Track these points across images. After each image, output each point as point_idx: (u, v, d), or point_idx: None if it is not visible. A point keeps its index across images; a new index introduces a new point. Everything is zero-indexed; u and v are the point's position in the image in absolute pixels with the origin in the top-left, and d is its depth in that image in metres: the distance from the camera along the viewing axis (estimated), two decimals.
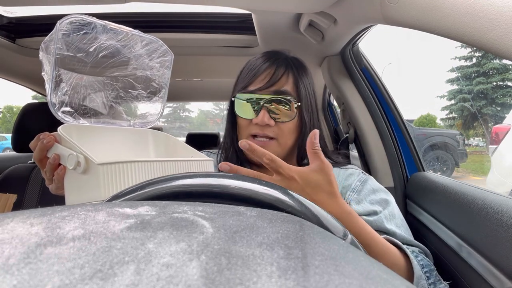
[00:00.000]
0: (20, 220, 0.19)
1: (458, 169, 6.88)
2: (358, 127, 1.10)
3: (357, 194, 0.70)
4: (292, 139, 0.72)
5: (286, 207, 0.32)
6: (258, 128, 0.69)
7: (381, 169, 1.04)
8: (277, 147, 0.70)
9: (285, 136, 0.70)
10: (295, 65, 0.74)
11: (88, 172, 0.46)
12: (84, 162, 0.46)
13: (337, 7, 0.82)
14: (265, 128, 0.69)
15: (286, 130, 0.70)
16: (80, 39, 0.52)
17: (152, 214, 0.21)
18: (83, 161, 0.46)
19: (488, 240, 0.56)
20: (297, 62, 0.76)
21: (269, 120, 0.68)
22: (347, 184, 0.72)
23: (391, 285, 0.16)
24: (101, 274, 0.14)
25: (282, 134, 0.70)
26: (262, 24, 1.03)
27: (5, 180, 1.27)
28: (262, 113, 0.68)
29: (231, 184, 0.33)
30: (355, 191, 0.71)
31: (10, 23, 1.21)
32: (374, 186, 0.73)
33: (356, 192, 0.71)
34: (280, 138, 0.70)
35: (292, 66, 0.73)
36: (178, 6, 1.11)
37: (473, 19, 0.42)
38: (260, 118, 0.68)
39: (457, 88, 16.10)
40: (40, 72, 0.53)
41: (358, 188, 0.71)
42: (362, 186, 0.72)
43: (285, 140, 0.71)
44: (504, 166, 3.37)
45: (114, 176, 0.45)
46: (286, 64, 0.72)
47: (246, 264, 0.15)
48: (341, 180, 0.73)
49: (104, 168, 0.44)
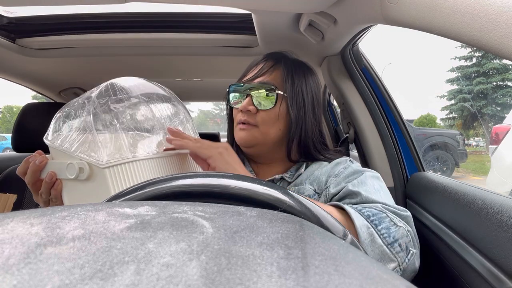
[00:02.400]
0: (20, 220, 0.19)
1: (458, 169, 6.88)
2: (358, 127, 1.10)
3: (337, 178, 0.71)
4: (275, 129, 0.74)
5: (285, 207, 0.32)
6: (243, 115, 0.74)
7: (381, 169, 1.04)
8: (258, 134, 0.74)
9: (266, 124, 0.73)
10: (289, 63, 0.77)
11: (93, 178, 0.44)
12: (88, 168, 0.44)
13: (337, 7, 0.82)
14: (247, 114, 0.73)
15: (267, 118, 0.73)
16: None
17: (152, 214, 0.21)
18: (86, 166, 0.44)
19: (488, 240, 0.56)
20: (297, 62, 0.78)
21: (250, 106, 0.73)
22: (332, 172, 0.73)
23: (391, 285, 0.16)
24: (101, 274, 0.14)
25: (263, 122, 0.73)
26: (262, 24, 1.03)
27: (5, 180, 1.27)
28: (246, 100, 0.73)
29: (231, 184, 0.33)
30: (336, 176, 0.71)
31: (10, 23, 1.21)
32: (356, 169, 0.72)
33: (337, 176, 0.71)
34: (261, 125, 0.73)
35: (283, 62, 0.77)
36: (178, 6, 1.11)
37: (473, 19, 0.42)
38: (243, 104, 0.73)
39: (457, 88, 16.10)
40: (40, 72, 0.53)
41: (340, 173, 0.72)
42: (344, 170, 0.72)
43: (266, 128, 0.74)
44: (504, 166, 3.37)
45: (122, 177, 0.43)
46: (276, 60, 0.77)
47: (246, 264, 0.15)
48: (328, 169, 0.74)
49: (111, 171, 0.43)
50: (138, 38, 1.24)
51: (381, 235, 0.55)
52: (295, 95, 0.74)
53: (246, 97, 0.73)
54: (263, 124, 0.73)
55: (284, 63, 0.76)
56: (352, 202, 0.63)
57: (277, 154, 0.78)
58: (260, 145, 0.75)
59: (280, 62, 0.77)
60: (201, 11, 1.20)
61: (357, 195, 0.63)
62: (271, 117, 0.73)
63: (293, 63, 0.77)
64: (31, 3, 0.88)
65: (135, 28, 1.22)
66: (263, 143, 0.74)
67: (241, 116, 0.74)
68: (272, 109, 0.73)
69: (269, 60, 0.77)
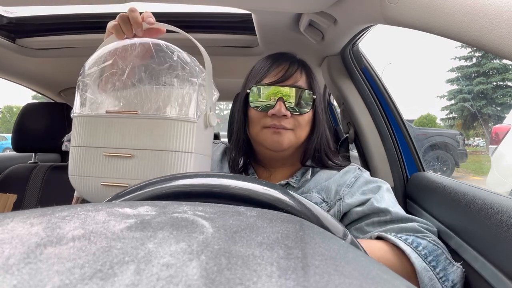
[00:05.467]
0: (20, 220, 0.19)
1: (458, 169, 6.87)
2: (358, 127, 1.10)
3: (350, 188, 0.71)
4: (307, 132, 0.74)
5: (285, 207, 0.32)
6: (275, 119, 0.70)
7: (381, 169, 1.04)
8: (293, 137, 0.72)
9: (301, 128, 0.72)
10: (305, 65, 0.77)
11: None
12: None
13: (337, 7, 0.82)
14: (282, 119, 0.70)
15: (302, 122, 0.72)
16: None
17: (152, 214, 0.21)
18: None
19: (488, 240, 0.56)
20: (306, 63, 0.79)
21: (286, 111, 0.70)
22: (342, 181, 0.73)
23: (391, 285, 0.16)
24: (101, 274, 0.14)
25: (299, 126, 0.72)
26: (262, 24, 1.03)
27: (5, 180, 1.27)
28: (279, 104, 0.69)
29: (231, 184, 0.33)
30: (349, 186, 0.72)
31: (10, 23, 1.21)
32: (368, 179, 0.73)
33: (350, 186, 0.72)
34: (296, 129, 0.72)
35: (304, 65, 0.77)
36: (178, 6, 1.11)
37: (473, 19, 0.42)
38: (277, 109, 0.69)
39: (457, 88, 16.10)
40: (40, 72, 0.53)
41: (352, 183, 0.72)
42: (356, 180, 0.73)
43: (301, 132, 0.73)
44: (504, 166, 3.37)
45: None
46: (298, 62, 0.76)
47: (246, 264, 0.15)
48: (337, 178, 0.74)
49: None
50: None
51: (439, 278, 0.55)
52: (320, 98, 0.75)
53: (278, 101, 0.70)
54: (298, 128, 0.72)
55: (305, 66, 0.76)
56: (382, 220, 0.64)
57: (292, 158, 0.77)
58: (291, 148, 0.74)
59: (302, 65, 0.76)
60: (201, 11, 1.20)
61: (386, 213, 0.64)
62: (305, 120, 0.73)
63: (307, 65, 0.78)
64: (31, 3, 0.88)
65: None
66: (294, 146, 0.74)
67: (273, 121, 0.71)
68: (307, 113, 0.72)
69: (294, 62, 0.75)
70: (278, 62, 0.74)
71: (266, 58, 0.77)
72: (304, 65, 0.77)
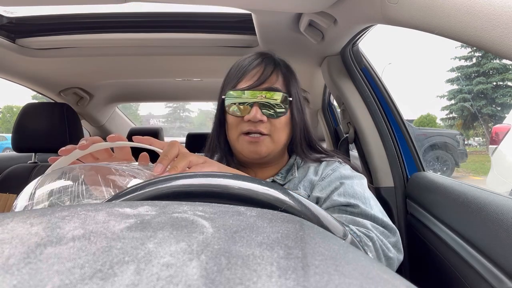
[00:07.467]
0: (20, 220, 0.19)
1: (458, 169, 6.87)
2: (358, 127, 1.10)
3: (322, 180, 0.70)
4: (285, 135, 0.73)
5: (285, 207, 0.32)
6: (251, 124, 0.69)
7: (381, 169, 1.04)
8: (270, 143, 0.71)
9: (278, 132, 0.71)
10: (282, 65, 0.75)
11: None
12: None
13: (337, 7, 0.82)
14: (258, 125, 0.69)
15: (278, 125, 0.70)
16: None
17: (152, 214, 0.21)
18: None
19: (488, 240, 0.56)
20: (284, 62, 0.77)
21: (262, 116, 0.68)
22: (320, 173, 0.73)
23: (391, 285, 0.16)
24: (101, 274, 0.14)
25: (275, 130, 0.70)
26: (262, 24, 1.03)
27: (5, 180, 1.27)
28: (255, 109, 0.68)
29: (231, 184, 0.33)
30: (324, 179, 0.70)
31: (10, 23, 1.21)
32: (344, 174, 0.71)
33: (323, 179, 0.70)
34: (273, 134, 0.70)
35: (280, 65, 0.74)
36: (178, 6, 1.11)
37: (473, 19, 0.42)
38: (252, 115, 0.68)
39: (457, 88, 16.09)
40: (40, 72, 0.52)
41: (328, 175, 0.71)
42: (332, 172, 0.72)
43: (278, 136, 0.71)
44: (504, 166, 3.37)
45: None
46: (274, 63, 0.73)
47: (246, 264, 0.15)
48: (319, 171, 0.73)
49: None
50: (138, 38, 1.24)
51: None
52: (297, 99, 0.73)
53: (253, 106, 0.68)
54: (275, 133, 0.70)
55: (281, 66, 0.74)
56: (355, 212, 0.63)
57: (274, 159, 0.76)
58: (271, 153, 0.72)
59: (278, 65, 0.74)
60: (201, 11, 1.20)
61: (355, 207, 0.63)
62: (282, 124, 0.71)
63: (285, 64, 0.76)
64: (31, 3, 0.88)
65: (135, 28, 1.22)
66: (274, 151, 0.72)
67: (249, 126, 0.69)
68: (283, 116, 0.70)
69: (269, 64, 0.72)
70: (253, 65, 0.72)
71: (244, 59, 0.75)
72: (281, 65, 0.74)
